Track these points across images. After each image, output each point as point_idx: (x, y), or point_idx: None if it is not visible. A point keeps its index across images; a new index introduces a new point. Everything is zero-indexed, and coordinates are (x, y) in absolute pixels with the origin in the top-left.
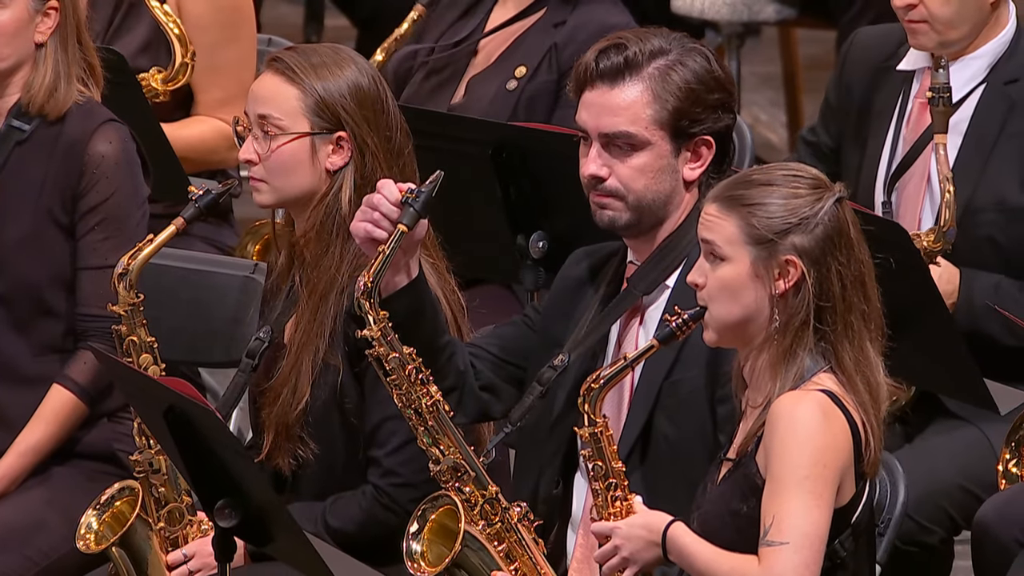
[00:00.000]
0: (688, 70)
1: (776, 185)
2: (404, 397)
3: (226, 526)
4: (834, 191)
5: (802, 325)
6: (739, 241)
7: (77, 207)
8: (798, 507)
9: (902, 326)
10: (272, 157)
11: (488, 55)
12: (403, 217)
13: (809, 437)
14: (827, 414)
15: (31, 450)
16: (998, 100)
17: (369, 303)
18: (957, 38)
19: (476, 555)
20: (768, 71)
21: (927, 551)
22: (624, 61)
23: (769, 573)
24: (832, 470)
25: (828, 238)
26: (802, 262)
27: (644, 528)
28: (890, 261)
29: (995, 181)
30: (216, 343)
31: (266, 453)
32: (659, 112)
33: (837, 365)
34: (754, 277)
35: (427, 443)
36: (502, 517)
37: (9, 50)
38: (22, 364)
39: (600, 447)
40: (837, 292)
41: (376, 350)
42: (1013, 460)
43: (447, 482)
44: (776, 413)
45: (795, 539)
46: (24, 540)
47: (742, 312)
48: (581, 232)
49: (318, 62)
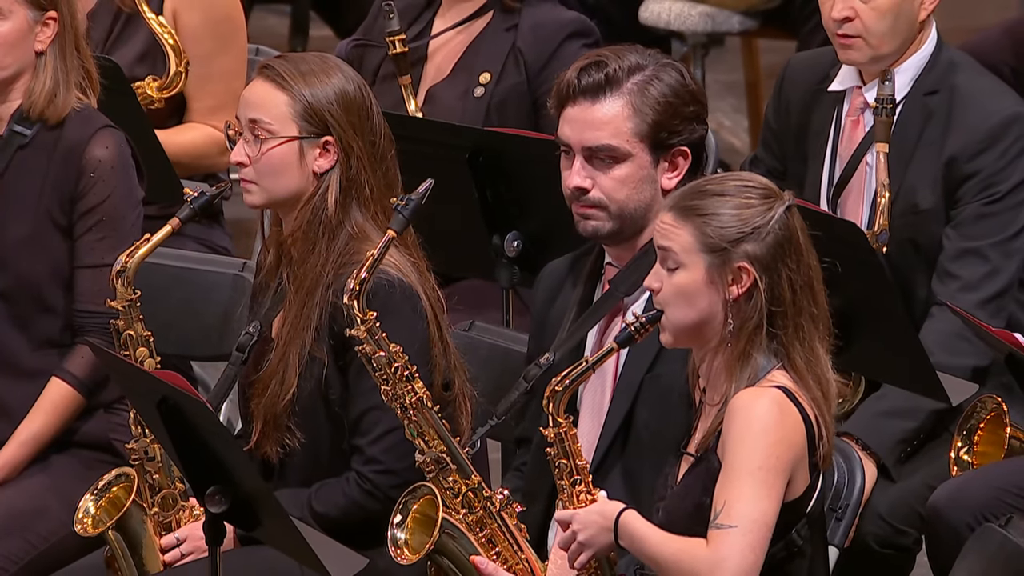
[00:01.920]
0: (665, 84)
1: (729, 195)
2: (390, 393)
3: (216, 511)
4: (784, 199)
5: (755, 328)
6: (694, 249)
7: (75, 208)
8: (749, 495)
9: (859, 322)
10: (262, 160)
11: (439, 65)
12: (393, 223)
13: (764, 431)
14: (782, 409)
15: (31, 439)
16: (918, 110)
17: (357, 304)
18: (888, 52)
19: (456, 542)
20: (731, 79)
21: (902, 552)
22: (605, 77)
23: (716, 554)
24: (784, 462)
25: (779, 245)
26: (754, 269)
27: (599, 515)
28: (836, 265)
29: (912, 186)
30: (207, 337)
31: (255, 442)
32: (639, 125)
33: (789, 364)
34: (709, 283)
35: (412, 435)
36: (484, 505)
37: (10, 59)
38: (22, 358)
39: (565, 446)
40: (788, 297)
41: (364, 348)
42: (964, 448)
43: (431, 472)
44: (734, 407)
45: (743, 523)
46: (26, 525)
47: (697, 316)
48: (554, 232)
49: (307, 70)
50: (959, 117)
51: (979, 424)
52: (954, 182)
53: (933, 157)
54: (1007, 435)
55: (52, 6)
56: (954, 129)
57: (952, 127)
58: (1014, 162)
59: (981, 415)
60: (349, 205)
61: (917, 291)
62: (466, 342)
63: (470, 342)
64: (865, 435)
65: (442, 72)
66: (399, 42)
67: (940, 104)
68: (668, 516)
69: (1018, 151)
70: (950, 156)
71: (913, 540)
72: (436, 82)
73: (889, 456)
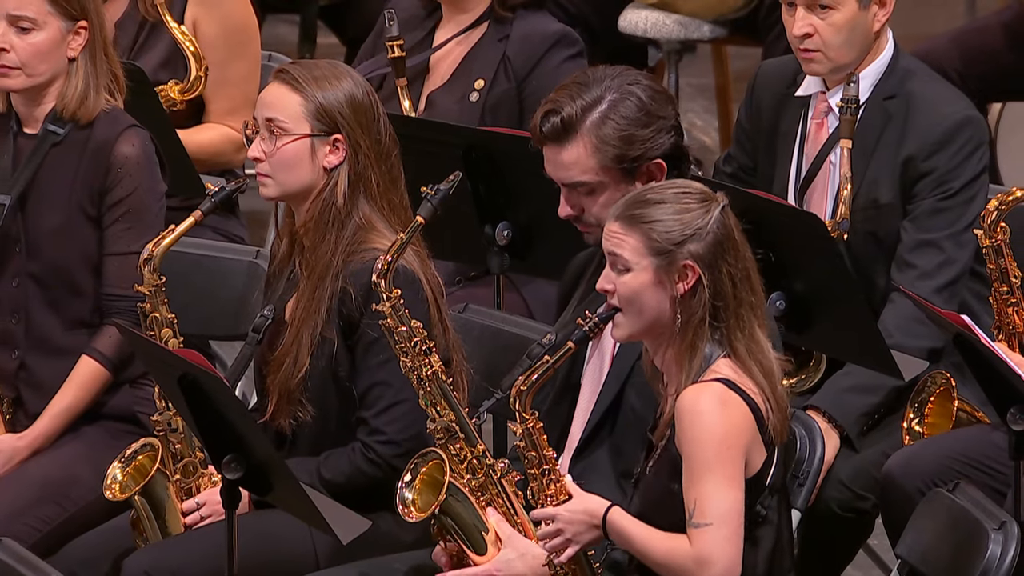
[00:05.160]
0: (620, 116)
1: (668, 202)
2: (408, 364)
3: (232, 478)
4: (719, 201)
5: (700, 322)
6: (643, 253)
7: (104, 201)
8: (713, 490)
9: (820, 304)
10: (277, 155)
11: (441, 72)
12: (421, 210)
13: (711, 426)
14: (724, 402)
15: (63, 412)
16: (878, 114)
17: (384, 283)
18: (846, 63)
19: (459, 504)
20: (703, 82)
21: (861, 516)
22: (561, 123)
23: (700, 552)
24: (736, 450)
25: (718, 243)
26: (698, 266)
27: (585, 513)
28: (769, 256)
29: (873, 183)
30: (224, 318)
31: (270, 415)
32: (603, 159)
33: (732, 354)
34: (657, 283)
35: (426, 404)
36: (487, 471)
37: (45, 66)
38: (55, 337)
39: (533, 439)
40: (728, 290)
41: (387, 323)
42: (916, 419)
43: (440, 439)
44: (680, 408)
45: (716, 518)
46: (59, 490)
47: (648, 314)
48: (541, 222)
49: (319, 74)
50: (915, 120)
51: (929, 398)
52: (911, 179)
53: (892, 156)
54: (955, 408)
55: (83, 16)
56: (911, 131)
57: (909, 129)
58: (965, 161)
59: (931, 389)
60: (357, 198)
61: (877, 279)
62: (461, 323)
63: (465, 323)
64: (831, 408)
65: (442, 79)
66: (397, 47)
67: (898, 108)
68: (642, 499)
69: (969, 151)
70: (907, 156)
71: (872, 504)
72: (436, 88)
73: (852, 428)
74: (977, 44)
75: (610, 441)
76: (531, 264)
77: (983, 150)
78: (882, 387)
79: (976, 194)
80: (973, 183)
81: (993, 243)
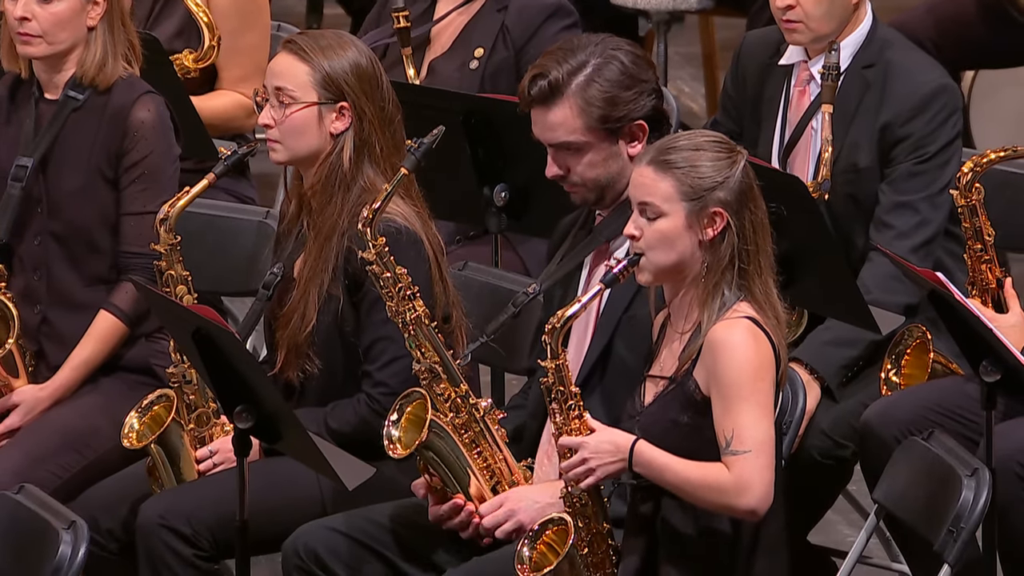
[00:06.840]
0: (604, 79)
1: (703, 150)
2: (393, 309)
3: (244, 427)
4: (743, 153)
5: (728, 266)
6: (675, 198)
7: (121, 163)
8: (750, 419)
9: (802, 262)
10: (286, 122)
11: (442, 41)
12: (405, 162)
13: (747, 359)
14: (755, 336)
15: (82, 364)
16: (857, 81)
17: (369, 231)
18: (827, 33)
19: (442, 440)
20: (690, 51)
21: (841, 463)
22: (548, 86)
23: (740, 478)
24: (768, 383)
25: (743, 192)
26: (727, 212)
27: (610, 444)
28: (781, 209)
29: (852, 148)
30: (235, 276)
31: (279, 368)
32: (588, 120)
33: (751, 297)
34: (687, 228)
35: (410, 347)
36: (469, 410)
37: (65, 35)
38: (75, 293)
39: (561, 375)
40: (750, 236)
41: (373, 268)
42: (893, 370)
43: (425, 379)
44: (714, 342)
45: (755, 446)
46: (79, 439)
47: (677, 257)
48: (537, 184)
49: (325, 44)
50: (892, 88)
51: (906, 350)
52: (888, 144)
53: (870, 123)
54: (930, 360)
55: None
56: (888, 98)
57: (887, 97)
58: (941, 127)
59: (908, 342)
60: (362, 162)
61: (856, 239)
62: (461, 280)
63: (464, 280)
64: (813, 361)
65: (443, 48)
66: (403, 17)
67: (876, 76)
68: (644, 432)
69: (944, 117)
70: (885, 122)
71: (851, 452)
72: (437, 56)
73: (833, 379)
74: (951, 15)
75: (600, 389)
76: (527, 224)
77: (957, 116)
78: (861, 341)
79: (950, 158)
80: (947, 148)
81: (968, 203)
